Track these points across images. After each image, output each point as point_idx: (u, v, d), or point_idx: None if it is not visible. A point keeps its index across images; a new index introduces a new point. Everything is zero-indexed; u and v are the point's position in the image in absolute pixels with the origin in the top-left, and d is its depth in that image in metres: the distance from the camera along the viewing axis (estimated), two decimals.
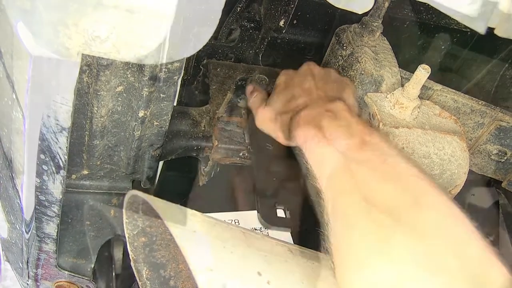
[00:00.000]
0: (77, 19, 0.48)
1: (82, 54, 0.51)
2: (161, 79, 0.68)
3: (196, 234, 0.45)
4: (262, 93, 0.97)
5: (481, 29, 0.49)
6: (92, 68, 0.66)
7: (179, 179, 1.22)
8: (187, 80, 1.12)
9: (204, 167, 1.01)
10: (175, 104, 0.82)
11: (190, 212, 0.48)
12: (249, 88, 1.00)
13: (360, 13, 0.57)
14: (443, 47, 1.20)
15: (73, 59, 0.51)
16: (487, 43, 1.19)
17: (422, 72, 0.81)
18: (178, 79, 0.70)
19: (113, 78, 0.69)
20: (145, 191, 1.00)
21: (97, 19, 0.48)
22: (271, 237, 0.55)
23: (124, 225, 0.54)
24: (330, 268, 0.58)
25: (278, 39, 1.14)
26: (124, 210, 0.53)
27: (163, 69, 0.67)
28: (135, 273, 0.59)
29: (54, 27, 0.48)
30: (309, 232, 0.90)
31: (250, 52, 1.14)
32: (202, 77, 1.13)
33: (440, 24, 1.16)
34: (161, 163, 1.16)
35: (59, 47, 0.50)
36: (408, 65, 0.96)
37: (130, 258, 0.56)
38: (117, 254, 0.96)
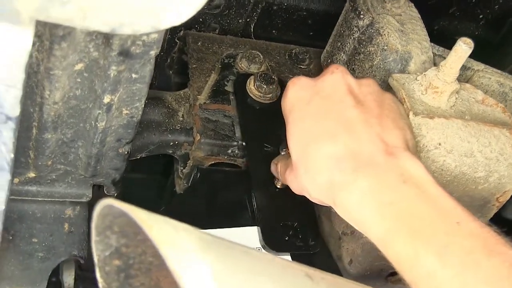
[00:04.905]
0: None
1: (36, 21, 0.51)
2: (133, 54, 0.68)
3: (190, 254, 0.44)
4: (283, 156, 0.91)
5: None
6: (44, 40, 0.66)
7: (149, 184, 1.22)
8: (159, 57, 1.12)
9: (182, 168, 1.02)
10: None
11: (181, 226, 0.47)
12: (273, 167, 0.93)
13: None
14: (481, 15, 1.21)
15: (24, 27, 0.50)
16: None
17: (463, 47, 0.81)
18: (155, 54, 0.70)
19: (71, 53, 0.68)
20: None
21: None
22: (281, 258, 0.55)
23: (93, 245, 0.53)
24: None
25: (274, 6, 1.15)
26: (93, 225, 0.51)
27: (137, 42, 0.66)
28: None
29: None
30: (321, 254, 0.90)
31: (240, 21, 1.16)
32: (179, 53, 1.14)
33: None
34: None
35: (5, 9, 0.49)
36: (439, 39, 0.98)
37: (100, 286, 0.55)
38: (68, 280, 0.98)
